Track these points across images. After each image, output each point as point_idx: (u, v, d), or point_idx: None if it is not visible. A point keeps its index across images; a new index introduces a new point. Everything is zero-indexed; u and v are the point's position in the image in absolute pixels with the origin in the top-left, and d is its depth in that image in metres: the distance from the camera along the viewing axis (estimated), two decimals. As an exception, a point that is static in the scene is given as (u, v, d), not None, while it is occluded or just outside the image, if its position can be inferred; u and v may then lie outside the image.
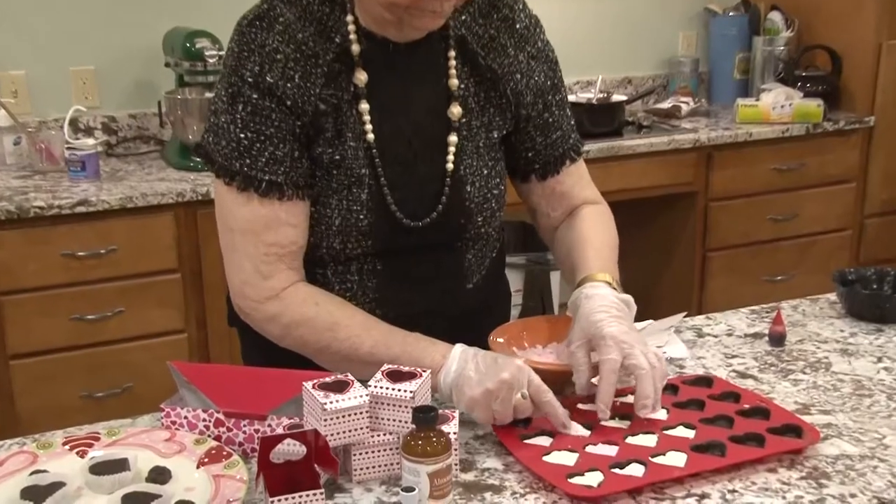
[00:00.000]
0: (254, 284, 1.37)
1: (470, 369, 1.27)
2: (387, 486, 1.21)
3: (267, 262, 1.36)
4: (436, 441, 1.11)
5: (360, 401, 1.17)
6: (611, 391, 1.29)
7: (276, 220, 1.36)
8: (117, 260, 2.57)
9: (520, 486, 1.20)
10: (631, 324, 1.36)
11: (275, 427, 1.26)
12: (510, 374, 1.25)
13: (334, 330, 1.35)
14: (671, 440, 1.26)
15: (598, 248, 1.48)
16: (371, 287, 1.45)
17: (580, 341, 1.34)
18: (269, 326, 1.38)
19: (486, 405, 1.26)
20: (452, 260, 1.50)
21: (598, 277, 1.41)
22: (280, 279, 1.37)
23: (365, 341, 1.34)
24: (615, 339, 1.30)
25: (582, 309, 1.37)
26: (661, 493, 1.17)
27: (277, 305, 1.37)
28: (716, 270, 3.33)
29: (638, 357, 1.30)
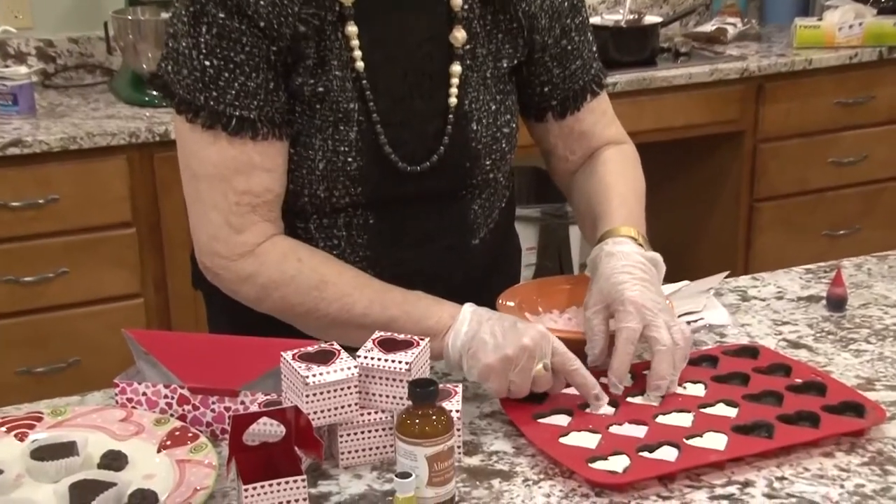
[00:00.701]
0: (224, 239, 1.38)
1: (485, 332, 1.29)
2: (379, 471, 1.23)
3: (239, 214, 1.38)
4: (435, 420, 1.13)
5: (347, 374, 1.19)
6: (625, 364, 1.31)
7: (249, 164, 1.37)
8: (59, 212, 2.58)
9: (533, 471, 1.22)
10: (658, 287, 1.37)
11: (248, 404, 1.28)
12: (532, 339, 1.27)
13: (321, 289, 1.36)
14: (709, 419, 1.28)
15: (623, 197, 1.50)
16: (361, 244, 1.47)
17: (597, 306, 1.36)
18: (244, 288, 1.40)
19: (502, 374, 1.28)
20: (455, 211, 1.51)
21: (622, 232, 1.42)
22: (254, 233, 1.39)
23: (357, 301, 1.36)
24: (636, 305, 1.32)
25: (601, 269, 1.38)
26: (697, 480, 1.20)
27: (252, 263, 1.38)
28: (765, 224, 3.34)
29: (660, 329, 1.32)
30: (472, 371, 1.30)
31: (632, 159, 1.59)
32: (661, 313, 1.33)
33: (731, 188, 3.33)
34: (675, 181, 3.49)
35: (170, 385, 1.30)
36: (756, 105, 3.22)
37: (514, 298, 1.49)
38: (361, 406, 1.22)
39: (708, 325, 1.57)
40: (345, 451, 1.23)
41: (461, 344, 1.31)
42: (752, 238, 3.34)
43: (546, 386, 1.30)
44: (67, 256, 2.61)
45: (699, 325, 1.56)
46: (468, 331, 1.31)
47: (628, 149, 1.60)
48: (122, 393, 1.32)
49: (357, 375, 1.20)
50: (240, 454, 1.14)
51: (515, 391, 1.29)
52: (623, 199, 1.49)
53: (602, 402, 1.30)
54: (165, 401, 1.30)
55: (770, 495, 1.17)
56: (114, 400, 1.33)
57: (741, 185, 3.30)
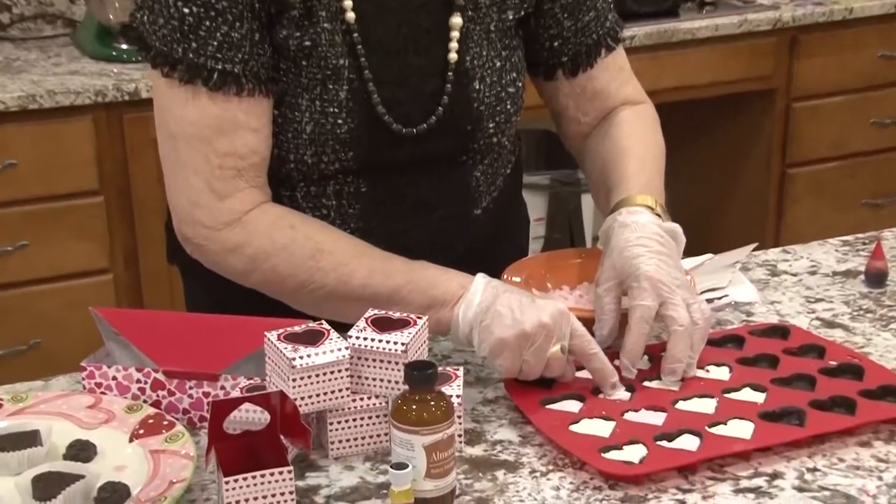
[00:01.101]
0: (207, 206, 1.39)
1: (501, 304, 1.30)
2: (372, 462, 1.24)
3: (223, 178, 1.38)
4: (434, 406, 1.14)
5: (337, 356, 1.20)
6: (639, 345, 1.32)
7: (233, 123, 1.37)
8: (18, 178, 2.58)
9: (541, 462, 1.23)
10: (677, 261, 1.38)
11: (229, 389, 1.29)
12: (552, 318, 1.28)
13: (316, 258, 1.37)
14: (734, 405, 1.30)
15: (641, 162, 1.50)
16: (353, 214, 1.48)
17: (609, 282, 1.37)
18: (230, 260, 1.40)
19: (516, 351, 1.29)
20: (456, 178, 1.52)
21: (638, 200, 1.43)
22: (241, 199, 1.39)
23: (356, 270, 1.37)
24: (652, 281, 1.33)
25: (614, 241, 1.39)
26: (721, 471, 1.21)
27: (240, 233, 1.39)
28: (798, 191, 3.34)
29: (677, 307, 1.33)
30: (484, 345, 1.31)
31: (650, 121, 1.59)
32: (679, 290, 1.34)
33: (760, 152, 3.33)
34: (698, 145, 3.49)
35: (143, 368, 1.31)
36: (790, 60, 3.22)
37: (521, 273, 1.50)
38: (353, 391, 1.23)
39: (733, 302, 1.58)
40: (335, 440, 1.24)
41: (473, 315, 1.32)
42: (784, 207, 3.35)
43: (559, 371, 1.31)
44: (27, 228, 2.61)
45: (724, 303, 1.57)
46: (482, 302, 1.32)
47: (647, 109, 1.61)
48: (90, 377, 1.33)
49: (348, 357, 1.21)
50: (220, 444, 1.15)
51: (527, 372, 1.30)
52: (640, 164, 1.50)
53: (620, 389, 1.32)
54: (138, 386, 1.31)
55: (801, 488, 1.18)
56: (81, 385, 1.34)
57: (772, 149, 3.30)
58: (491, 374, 1.40)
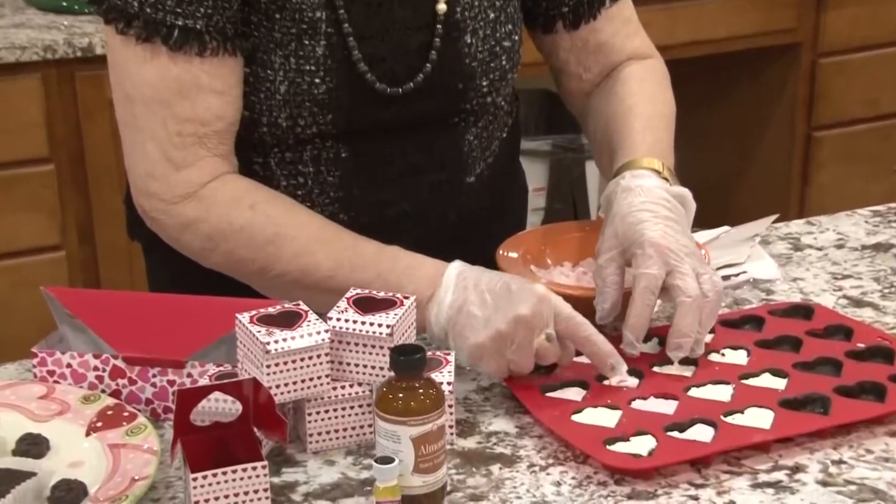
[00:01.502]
0: (162, 177, 1.39)
1: (473, 303, 1.30)
2: (355, 456, 1.25)
3: (181, 146, 1.39)
4: (423, 394, 1.15)
5: (316, 339, 1.21)
6: (643, 317, 1.32)
7: (195, 85, 1.38)
8: (-41, 144, 2.58)
9: (540, 455, 1.24)
10: (685, 229, 1.38)
11: (197, 377, 1.29)
12: (530, 308, 1.28)
13: (277, 244, 1.38)
14: (753, 392, 1.31)
15: (647, 122, 1.51)
16: (331, 182, 1.48)
17: (611, 251, 1.37)
18: (185, 237, 1.41)
19: (497, 353, 1.29)
20: (446, 143, 1.52)
21: (644, 163, 1.43)
22: (200, 170, 1.40)
23: (321, 262, 1.37)
24: (658, 248, 1.33)
25: (617, 206, 1.39)
26: (738, 464, 1.22)
27: (196, 207, 1.39)
28: (825, 156, 3.34)
29: (685, 276, 1.33)
30: (461, 353, 1.31)
31: (660, 77, 1.60)
32: (689, 258, 1.34)
33: (783, 114, 3.34)
34: (714, 106, 3.49)
35: (100, 354, 1.32)
36: (816, 11, 3.22)
37: (518, 249, 1.51)
38: (334, 378, 1.24)
39: (752, 279, 1.59)
40: (314, 432, 1.25)
41: (445, 319, 1.32)
42: (809, 174, 3.35)
43: (553, 358, 1.31)
44: (-30, 199, 2.62)
45: (741, 280, 1.58)
46: (453, 301, 1.32)
47: (656, 64, 1.61)
48: (42, 364, 1.33)
49: (328, 342, 1.21)
50: (187, 437, 1.15)
51: (517, 370, 1.31)
52: (647, 124, 1.50)
53: (621, 373, 1.32)
54: (95, 374, 1.32)
55: (825, 482, 1.19)
56: (31, 373, 1.35)
57: (796, 110, 3.30)
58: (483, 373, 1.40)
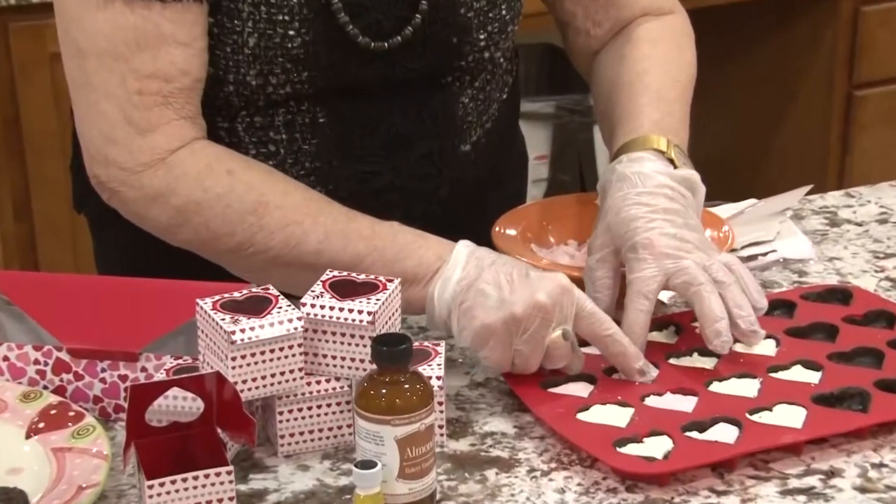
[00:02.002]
0: (123, 143, 1.39)
1: (486, 280, 1.31)
2: (332, 461, 1.25)
3: (143, 106, 1.38)
4: (409, 390, 1.15)
5: (288, 328, 1.21)
6: (638, 324, 1.33)
7: (155, 35, 1.37)
8: None
9: (541, 458, 1.25)
10: (690, 219, 1.38)
11: (152, 371, 1.29)
12: (550, 296, 1.28)
13: (259, 214, 1.38)
14: (782, 387, 1.31)
15: (656, 92, 1.51)
16: (308, 151, 1.48)
17: (603, 250, 1.38)
18: (152, 211, 1.40)
19: (505, 340, 1.30)
20: (439, 105, 1.52)
21: (646, 143, 1.44)
22: (167, 134, 1.39)
23: (309, 232, 1.37)
24: (653, 250, 1.34)
25: (610, 198, 1.40)
26: (766, 468, 1.22)
27: (164, 177, 1.39)
28: (868, 119, 3.34)
29: (689, 271, 1.33)
30: (465, 333, 1.32)
31: (678, 36, 1.60)
32: (691, 253, 1.34)
33: (820, 70, 3.34)
34: (742, 62, 3.49)
35: (42, 346, 1.32)
36: (857, -48, 3.23)
37: (517, 225, 1.52)
38: (308, 372, 1.25)
39: (782, 259, 1.59)
40: (286, 433, 1.25)
41: (451, 295, 1.33)
42: (850, 139, 3.35)
43: (562, 361, 1.32)
44: None
45: (770, 260, 1.59)
46: (462, 278, 1.32)
47: (675, 21, 1.61)
48: (-24, 357, 1.34)
49: (301, 331, 1.22)
50: (141, 439, 1.16)
51: (521, 365, 1.31)
52: (656, 96, 1.50)
53: (649, 378, 1.32)
54: (36, 368, 1.32)
55: (863, 488, 1.19)
56: (-35, 367, 1.35)
57: (835, 66, 3.30)
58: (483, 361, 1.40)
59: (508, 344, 1.29)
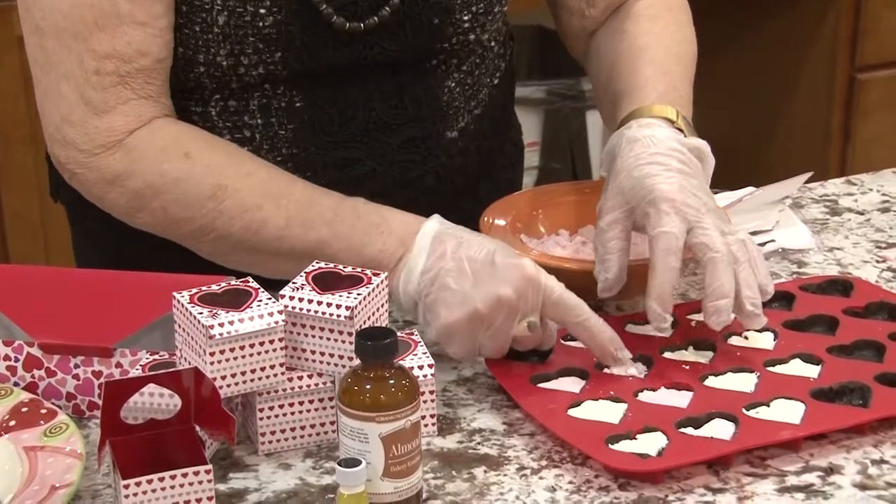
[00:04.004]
0: (79, 123, 1.43)
1: (450, 272, 1.34)
2: (315, 459, 1.30)
3: (100, 87, 1.42)
4: (394, 386, 1.19)
5: (268, 322, 1.25)
6: (668, 283, 1.34)
7: (113, 15, 1.40)
8: None
9: (531, 456, 1.29)
10: (703, 185, 1.41)
11: (128, 367, 1.33)
12: (515, 289, 1.31)
13: (218, 199, 1.41)
14: (780, 382, 1.36)
15: (660, 65, 1.54)
16: (284, 137, 1.52)
17: (616, 210, 1.41)
18: (111, 194, 1.44)
19: (469, 335, 1.34)
20: (421, 90, 1.56)
21: (654, 112, 1.47)
22: (124, 115, 1.43)
23: (269, 218, 1.40)
24: (674, 203, 1.36)
25: (621, 160, 1.42)
26: (763, 465, 1.27)
27: (121, 159, 1.43)
28: (871, 103, 3.36)
29: (709, 232, 1.35)
30: (430, 329, 1.36)
31: (677, 11, 1.63)
32: (709, 214, 1.37)
33: (822, 51, 3.35)
34: (739, 45, 3.51)
35: (12, 341, 1.36)
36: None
37: (506, 214, 1.56)
38: (289, 368, 1.29)
39: (781, 249, 1.64)
40: (266, 430, 1.30)
41: (415, 288, 1.37)
42: (852, 124, 3.36)
43: (532, 344, 1.36)
44: None
45: (769, 250, 1.63)
46: (426, 268, 1.36)
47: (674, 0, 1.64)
48: (-59, 354, 1.36)
49: (282, 325, 1.26)
50: (117, 437, 1.19)
51: (487, 354, 1.36)
52: (660, 69, 1.53)
53: (626, 362, 1.36)
54: (6, 364, 1.36)
55: (863, 485, 1.24)
56: (-71, 365, 1.37)
57: (837, 47, 3.32)
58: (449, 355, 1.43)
59: (473, 338, 1.34)
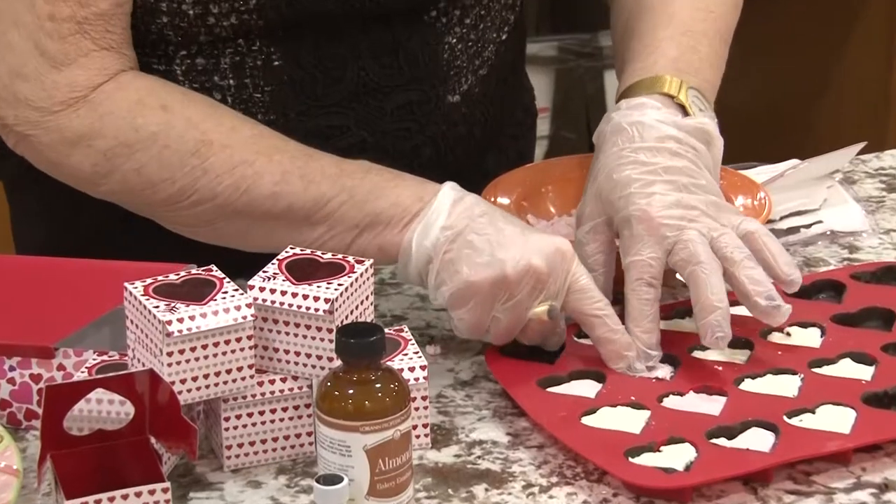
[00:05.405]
0: (36, 78, 1.40)
1: (475, 231, 1.33)
2: (289, 476, 1.26)
3: (57, 35, 1.39)
4: (381, 390, 1.16)
5: (235, 317, 1.21)
6: (645, 317, 1.34)
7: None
8: None
9: (540, 472, 1.26)
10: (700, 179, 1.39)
11: (72, 370, 1.30)
12: (547, 260, 1.30)
13: (203, 154, 1.38)
14: (828, 385, 1.32)
15: (680, 23, 1.51)
16: (260, 101, 1.50)
17: (593, 220, 1.40)
18: (74, 158, 1.41)
19: (488, 303, 1.32)
20: (418, 47, 1.53)
21: (655, 85, 1.45)
22: (87, 67, 1.40)
23: (263, 173, 1.38)
24: (649, 224, 1.35)
25: (604, 155, 1.42)
26: (807, 481, 1.23)
27: (87, 116, 1.40)
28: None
29: (688, 244, 1.33)
30: (444, 289, 1.33)
31: None
32: (697, 223, 1.35)
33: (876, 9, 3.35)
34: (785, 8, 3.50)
35: (-60, 340, 1.33)
36: None
37: (511, 192, 1.53)
38: (259, 370, 1.25)
39: (829, 231, 1.61)
40: (233, 443, 1.26)
41: (433, 243, 1.34)
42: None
43: (539, 337, 1.35)
44: None
45: (815, 233, 1.61)
46: (449, 225, 1.33)
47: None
48: None
49: (252, 320, 1.22)
50: (59, 451, 1.16)
51: (494, 333, 1.34)
52: (681, 26, 1.51)
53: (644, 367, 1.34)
54: (-66, 366, 1.33)
55: None
56: None
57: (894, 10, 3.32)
58: (467, 342, 1.42)
59: (490, 308, 1.32)
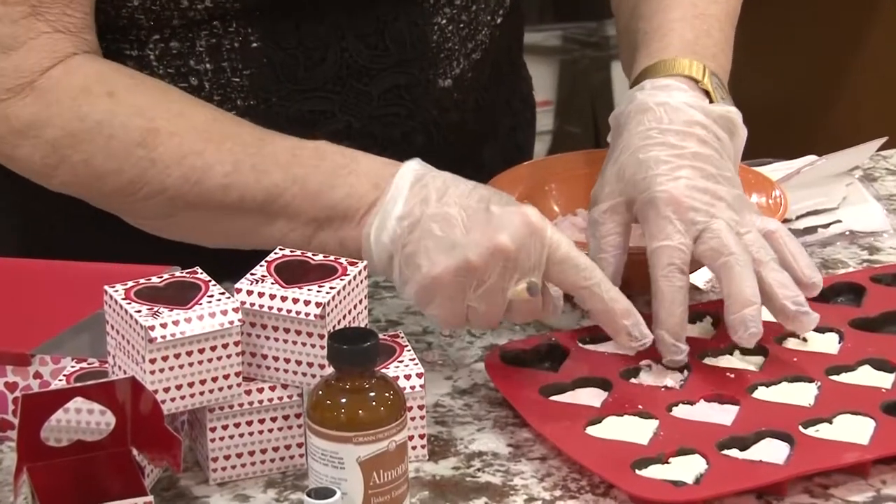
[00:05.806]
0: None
1: (434, 218, 1.31)
2: (278, 489, 1.25)
3: (9, 18, 1.39)
4: (375, 399, 1.15)
5: (221, 322, 1.20)
6: (677, 305, 1.33)
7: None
8: None
9: (542, 485, 1.25)
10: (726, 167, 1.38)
11: (49, 378, 1.29)
12: (514, 238, 1.28)
13: (150, 145, 1.38)
14: (845, 393, 1.31)
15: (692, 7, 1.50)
16: (238, 86, 1.49)
17: (612, 199, 1.39)
18: (22, 150, 1.41)
19: (456, 295, 1.30)
20: (405, 26, 1.53)
21: (675, 68, 1.44)
22: (35, 51, 1.39)
23: (214, 163, 1.37)
24: (678, 206, 1.34)
25: (628, 134, 1.40)
26: (824, 494, 1.22)
27: (33, 104, 1.39)
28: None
29: (721, 234, 1.32)
30: (407, 287, 1.32)
31: None
32: (723, 213, 1.34)
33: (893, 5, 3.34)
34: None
35: None
36: None
37: (512, 190, 1.51)
38: (246, 378, 1.24)
39: (848, 231, 1.60)
40: (220, 455, 1.25)
41: (391, 237, 1.32)
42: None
43: (530, 316, 1.34)
44: None
45: (833, 233, 1.60)
46: (405, 213, 1.32)
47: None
48: None
49: (239, 325, 1.21)
50: (36, 463, 1.16)
51: (476, 322, 1.32)
52: (693, 8, 1.50)
53: (646, 343, 1.32)
54: None
55: None
56: None
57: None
58: (466, 348, 1.42)
59: (460, 299, 1.30)
